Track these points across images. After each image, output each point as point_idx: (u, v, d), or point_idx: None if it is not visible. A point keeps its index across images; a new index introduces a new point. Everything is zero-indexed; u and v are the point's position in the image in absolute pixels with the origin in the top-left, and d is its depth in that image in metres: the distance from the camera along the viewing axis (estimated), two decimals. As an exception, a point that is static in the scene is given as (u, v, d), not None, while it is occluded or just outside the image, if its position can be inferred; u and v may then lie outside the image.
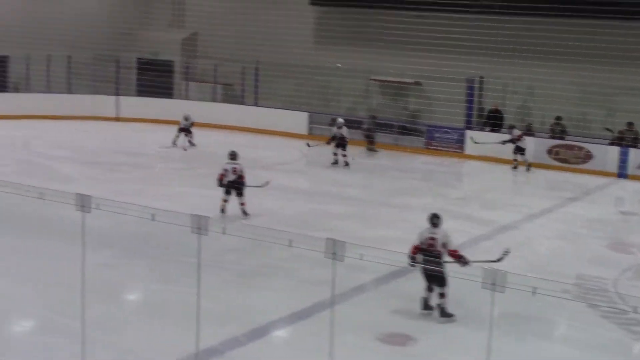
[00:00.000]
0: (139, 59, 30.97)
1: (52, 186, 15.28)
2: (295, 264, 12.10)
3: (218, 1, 29.78)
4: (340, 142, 21.29)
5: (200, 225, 6.53)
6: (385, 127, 25.75)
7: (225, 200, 15.29)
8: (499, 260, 9.91)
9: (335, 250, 6.00)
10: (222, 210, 15.20)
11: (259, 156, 22.47)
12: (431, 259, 10.06)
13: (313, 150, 22.23)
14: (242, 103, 28.77)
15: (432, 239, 10.30)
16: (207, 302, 7.88)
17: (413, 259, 10.23)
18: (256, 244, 12.20)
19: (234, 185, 15.24)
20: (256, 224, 9.21)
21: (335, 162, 21.33)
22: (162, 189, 17.32)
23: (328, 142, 21.41)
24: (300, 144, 23.64)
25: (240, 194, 15.28)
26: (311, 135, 26.02)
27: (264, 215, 15.26)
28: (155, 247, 12.69)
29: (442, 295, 10.25)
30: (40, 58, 27.65)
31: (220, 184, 15.23)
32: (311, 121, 26.74)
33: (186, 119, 22.79)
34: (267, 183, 15.83)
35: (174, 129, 22.47)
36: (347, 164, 21.26)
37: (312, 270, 11.38)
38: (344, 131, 21.32)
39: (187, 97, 29.49)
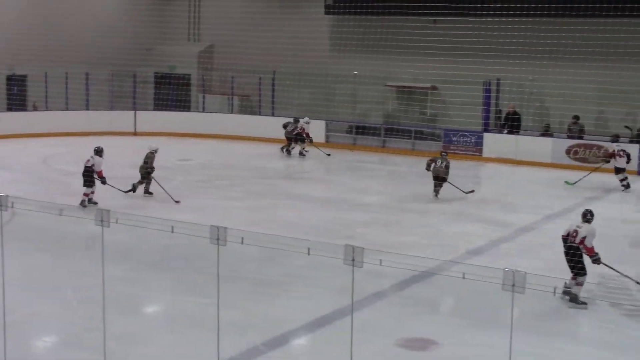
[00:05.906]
0: (156, 73, 31.23)
1: (70, 202, 15.49)
2: (315, 272, 12.09)
3: (233, 14, 29.94)
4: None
5: (218, 236, 6.57)
6: (402, 132, 25.80)
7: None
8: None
9: (354, 256, 6.01)
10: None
11: (282, 165, 22.54)
12: (570, 246, 11.12)
13: (332, 158, 22.19)
14: (259, 114, 28.88)
15: (576, 231, 11.14)
16: (227, 312, 7.91)
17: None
18: (275, 252, 12.26)
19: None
20: (277, 234, 9.21)
21: None
22: (183, 202, 17.39)
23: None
24: (320, 153, 23.75)
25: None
26: (328, 143, 26.09)
27: (284, 225, 15.30)
28: (176, 260, 12.74)
29: (576, 283, 10.96)
30: (58, 76, 27.85)
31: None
32: (328, 129, 26.83)
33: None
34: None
35: (192, 141, 22.42)
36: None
37: (331, 278, 11.41)
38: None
39: (204, 110, 29.69)
